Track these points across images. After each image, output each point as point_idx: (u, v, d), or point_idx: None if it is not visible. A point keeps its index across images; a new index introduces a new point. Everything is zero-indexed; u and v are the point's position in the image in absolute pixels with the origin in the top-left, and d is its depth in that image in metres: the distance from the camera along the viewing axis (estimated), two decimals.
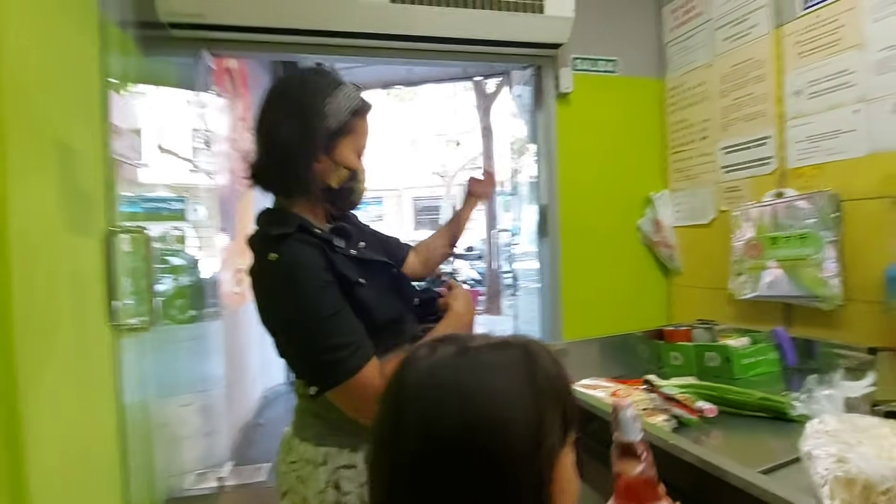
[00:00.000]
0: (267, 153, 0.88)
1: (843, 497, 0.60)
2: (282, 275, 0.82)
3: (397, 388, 0.43)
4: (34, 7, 1.32)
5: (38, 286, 1.27)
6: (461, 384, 0.41)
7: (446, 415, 0.40)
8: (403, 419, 0.42)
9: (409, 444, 0.40)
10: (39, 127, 1.32)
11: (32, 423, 1.20)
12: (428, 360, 0.43)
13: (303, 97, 0.86)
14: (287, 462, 0.94)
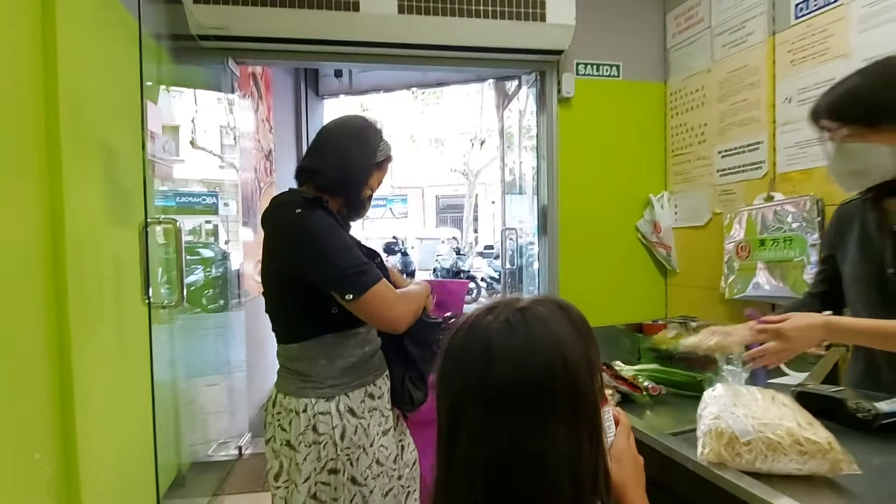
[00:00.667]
0: (341, 166, 1.13)
1: (713, 447, 0.73)
2: (306, 223, 1.04)
3: (484, 344, 0.50)
4: (84, 29, 1.54)
5: (87, 270, 1.49)
6: (535, 335, 0.50)
7: (531, 360, 0.49)
8: (495, 368, 0.49)
9: (501, 386, 0.48)
10: (88, 132, 1.54)
11: (80, 383, 1.41)
12: (499, 320, 0.51)
13: (369, 138, 1.17)
14: (273, 413, 1.14)
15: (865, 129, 0.90)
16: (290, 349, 1.11)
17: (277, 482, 1.11)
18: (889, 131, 0.88)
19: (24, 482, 1.22)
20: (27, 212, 1.25)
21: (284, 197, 1.16)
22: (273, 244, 1.11)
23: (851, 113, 0.92)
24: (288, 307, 1.12)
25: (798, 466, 0.73)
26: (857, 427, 0.94)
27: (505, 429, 0.48)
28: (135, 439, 1.78)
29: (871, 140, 0.90)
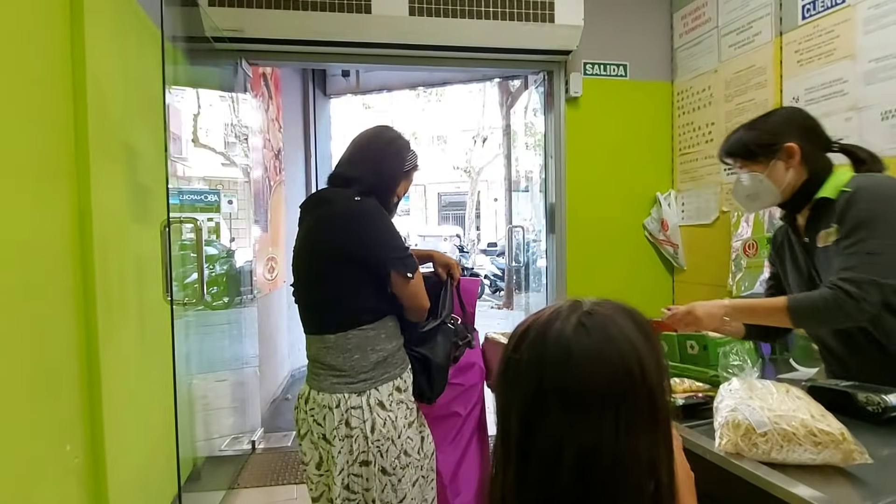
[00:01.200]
0: (375, 175, 1.21)
1: (731, 438, 0.77)
2: (368, 208, 1.15)
3: (563, 347, 0.50)
4: (110, 36, 1.57)
5: (112, 268, 1.52)
6: (612, 337, 0.50)
7: (611, 361, 0.49)
8: (575, 371, 0.49)
9: (584, 388, 0.48)
10: (113, 135, 1.58)
11: (107, 378, 1.46)
12: (572, 323, 0.51)
13: (400, 148, 1.27)
14: (305, 409, 1.16)
15: (748, 163, 1.16)
16: (327, 339, 1.14)
17: (319, 470, 1.17)
18: (763, 163, 1.14)
19: (56, 472, 1.26)
20: (58, 212, 1.29)
21: (329, 192, 1.21)
22: (329, 227, 1.15)
23: (738, 152, 1.18)
24: (334, 292, 1.15)
25: (812, 456, 0.77)
26: (866, 419, 0.97)
27: (591, 430, 0.48)
28: (155, 433, 1.82)
29: (752, 170, 1.15)
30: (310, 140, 4.26)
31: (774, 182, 1.12)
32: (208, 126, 2.59)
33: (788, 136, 1.11)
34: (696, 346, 1.60)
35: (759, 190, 1.15)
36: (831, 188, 1.07)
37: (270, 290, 3.33)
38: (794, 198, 1.14)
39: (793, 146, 1.10)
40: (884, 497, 0.73)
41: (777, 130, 1.13)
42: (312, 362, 1.19)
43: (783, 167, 1.11)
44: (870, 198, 1.01)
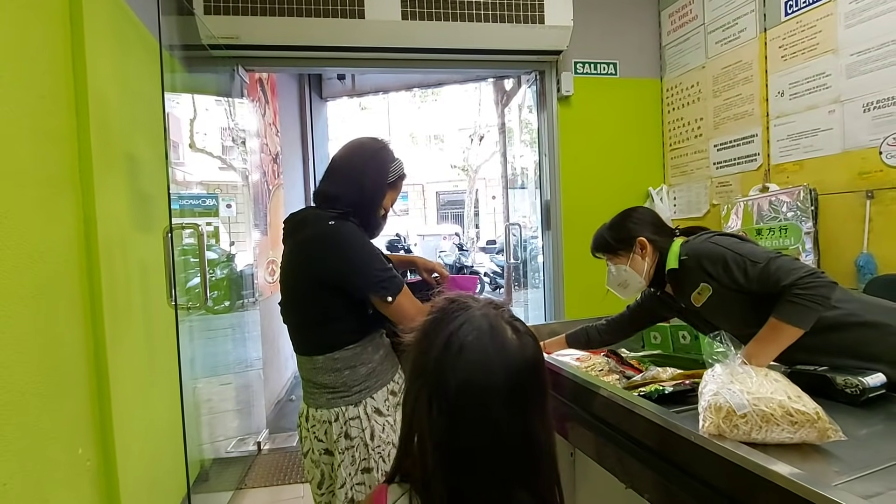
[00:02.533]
0: (358, 190, 1.20)
1: (713, 420, 0.81)
2: (343, 232, 1.13)
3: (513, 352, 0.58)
4: (109, 48, 1.61)
5: (117, 274, 1.57)
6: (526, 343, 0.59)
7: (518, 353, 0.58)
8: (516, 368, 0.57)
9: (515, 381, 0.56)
10: (114, 143, 1.62)
11: (116, 382, 1.50)
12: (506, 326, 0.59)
13: (383, 160, 1.24)
14: (306, 427, 1.18)
15: (612, 256, 1.37)
16: (315, 361, 1.16)
17: (321, 489, 1.19)
18: (624, 256, 1.34)
19: (69, 475, 1.30)
20: (64, 222, 1.33)
21: (308, 213, 1.20)
22: (307, 254, 1.14)
23: (601, 247, 1.39)
24: (317, 316, 1.15)
25: (790, 435, 0.81)
26: (845, 401, 1.02)
27: (521, 417, 0.56)
28: (163, 435, 1.86)
29: (617, 263, 1.36)
30: (307, 143, 4.30)
31: (637, 271, 1.33)
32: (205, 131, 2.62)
33: (640, 231, 1.32)
34: (687, 336, 1.65)
35: (626, 278, 1.35)
36: (672, 260, 1.27)
37: (272, 292, 3.37)
38: (655, 278, 1.33)
39: (643, 239, 1.31)
40: (856, 472, 0.77)
41: (631, 228, 1.34)
42: (305, 381, 1.20)
43: (640, 258, 1.32)
44: (711, 248, 1.20)
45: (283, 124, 3.89)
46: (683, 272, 1.24)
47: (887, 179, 1.74)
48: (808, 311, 1.03)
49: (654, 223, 1.36)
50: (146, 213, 1.85)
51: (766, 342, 1.08)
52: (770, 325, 1.07)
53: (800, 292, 1.03)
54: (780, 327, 1.06)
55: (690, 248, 1.24)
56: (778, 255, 1.14)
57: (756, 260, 1.13)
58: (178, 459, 1.92)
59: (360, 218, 1.20)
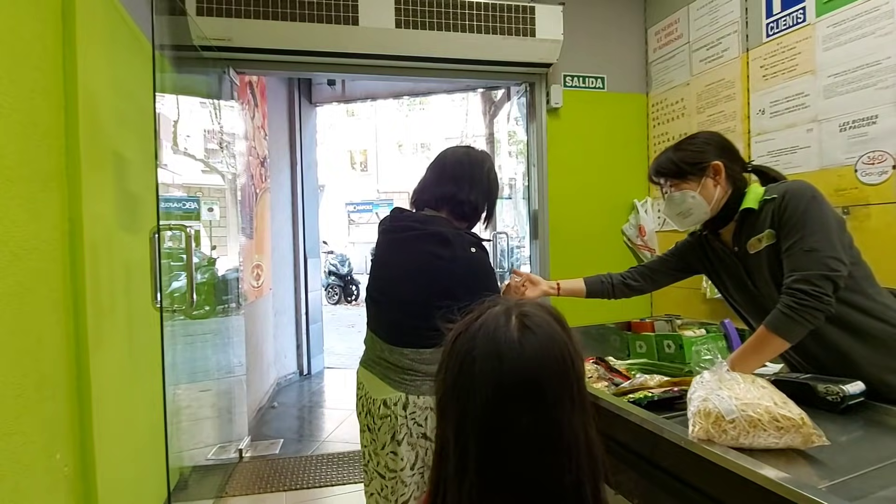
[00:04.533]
0: (487, 195, 1.30)
1: (702, 425, 0.83)
2: (481, 263, 1.21)
3: (520, 349, 0.55)
4: (100, 46, 1.59)
5: (101, 276, 1.53)
6: (552, 336, 0.56)
7: (554, 358, 0.55)
8: (529, 367, 0.54)
9: (535, 381, 0.54)
10: (103, 142, 1.59)
11: (97, 387, 1.46)
12: (515, 325, 0.56)
13: (494, 176, 1.33)
14: (404, 416, 1.18)
15: (679, 181, 1.23)
16: (423, 353, 1.19)
17: (413, 470, 1.20)
18: (693, 181, 1.21)
19: (47, 481, 1.26)
20: (50, 220, 1.30)
21: (445, 231, 1.21)
22: (443, 276, 1.17)
23: (668, 171, 1.25)
24: (433, 321, 1.17)
25: (776, 440, 0.84)
26: (826, 409, 1.05)
27: (548, 419, 0.54)
28: (143, 441, 1.82)
29: (683, 189, 1.22)
30: (295, 147, 4.27)
31: (705, 198, 1.20)
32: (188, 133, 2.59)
33: (713, 155, 1.20)
34: (672, 345, 1.68)
35: (692, 206, 1.22)
36: (752, 200, 1.17)
37: (256, 297, 3.32)
38: (720, 213, 1.22)
39: (718, 164, 1.19)
40: (840, 476, 0.80)
41: (704, 150, 1.21)
42: (405, 370, 1.21)
43: (711, 184, 1.20)
44: (797, 200, 1.09)
45: (271, 128, 3.87)
46: (757, 215, 1.15)
47: (862, 196, 1.81)
48: (798, 327, 1.04)
49: (727, 148, 1.24)
50: (132, 214, 1.81)
51: (752, 352, 1.10)
52: (759, 334, 1.09)
53: (796, 305, 1.04)
54: (768, 338, 1.07)
55: (782, 188, 1.13)
56: (818, 248, 1.05)
57: (804, 240, 1.06)
58: (158, 466, 1.87)
59: (472, 223, 1.29)
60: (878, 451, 0.88)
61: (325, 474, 2.47)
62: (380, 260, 1.31)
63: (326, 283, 9.91)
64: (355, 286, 10.16)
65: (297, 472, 2.50)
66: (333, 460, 2.62)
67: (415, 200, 1.33)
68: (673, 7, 2.66)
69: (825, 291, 1.04)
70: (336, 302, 10.08)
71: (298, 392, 3.98)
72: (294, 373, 4.30)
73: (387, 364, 1.22)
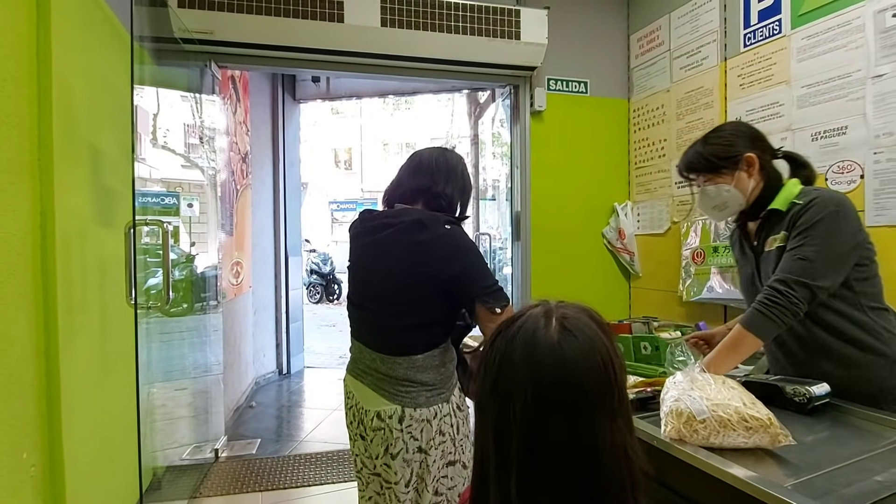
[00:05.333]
0: (462, 190, 1.29)
1: (674, 425, 0.86)
2: (463, 237, 1.18)
3: (560, 353, 0.54)
4: (76, 34, 1.55)
5: (73, 270, 1.49)
6: (593, 340, 0.55)
7: (595, 363, 0.53)
8: (570, 373, 0.53)
9: (576, 387, 0.53)
10: (78, 133, 1.55)
11: (67, 384, 1.42)
12: (556, 328, 0.55)
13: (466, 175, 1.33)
14: (399, 429, 1.14)
15: (713, 175, 1.22)
16: (416, 360, 1.15)
17: (408, 487, 1.17)
18: (728, 175, 1.20)
19: (12, 481, 1.22)
20: (19, 211, 1.27)
21: (421, 214, 1.19)
22: (430, 256, 1.13)
23: (700, 166, 1.23)
24: (426, 317, 1.16)
25: (744, 440, 0.86)
26: (794, 409, 1.08)
27: (588, 427, 0.53)
28: (115, 441, 1.78)
29: (718, 182, 1.21)
30: (278, 144, 4.22)
31: (741, 191, 1.20)
32: (168, 127, 2.54)
33: (744, 147, 1.20)
34: (648, 347, 1.71)
35: (727, 199, 1.20)
36: (782, 201, 1.17)
37: (235, 294, 3.27)
38: (752, 206, 1.22)
39: (752, 156, 1.19)
40: (805, 474, 0.83)
41: (734, 142, 1.20)
42: (399, 381, 1.16)
43: (746, 177, 1.19)
44: (817, 210, 1.10)
45: (253, 124, 3.82)
46: (781, 215, 1.16)
47: None
48: (771, 325, 1.07)
49: (756, 137, 1.23)
50: (107, 208, 1.77)
51: (728, 351, 1.12)
52: (734, 332, 1.11)
53: (768, 302, 1.07)
54: (742, 336, 1.10)
55: (813, 194, 1.13)
56: (813, 259, 1.07)
57: (803, 245, 1.08)
58: (130, 466, 1.83)
59: (461, 216, 1.29)
60: (842, 450, 0.92)
61: (302, 474, 2.45)
62: (359, 264, 1.28)
63: (308, 282, 9.82)
64: (337, 285, 10.08)
65: (275, 472, 2.47)
66: (312, 460, 2.60)
67: (387, 199, 1.30)
68: (655, 14, 2.71)
69: (798, 297, 1.07)
70: (317, 301, 9.99)
71: (277, 391, 3.93)
72: (273, 372, 4.25)
73: (379, 374, 1.18)
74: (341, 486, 2.35)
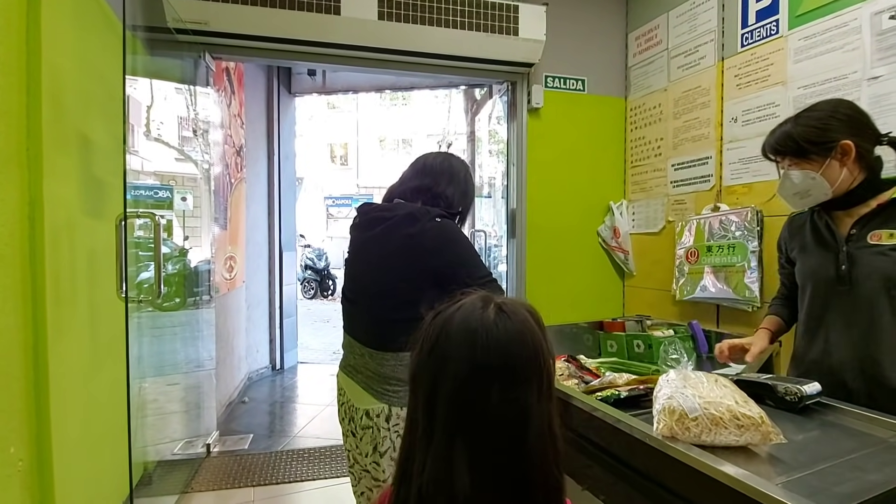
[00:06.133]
0: (464, 195, 1.30)
1: (667, 423, 0.86)
2: (454, 228, 1.19)
3: (494, 330, 0.57)
4: (67, 20, 1.52)
5: (63, 262, 1.47)
6: (525, 322, 0.59)
7: (526, 343, 0.58)
8: (502, 349, 0.56)
9: (507, 362, 0.56)
10: (68, 122, 1.53)
11: (55, 378, 1.40)
12: (492, 311, 0.59)
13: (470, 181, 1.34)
14: (387, 428, 1.14)
15: (800, 160, 1.13)
16: (404, 358, 1.15)
17: None
18: (817, 161, 1.11)
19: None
20: (7, 202, 1.25)
21: (412, 208, 1.19)
22: (421, 248, 1.13)
23: (787, 149, 1.15)
24: (414, 311, 1.13)
25: (736, 438, 0.86)
26: (785, 408, 1.09)
27: (518, 401, 0.56)
28: (104, 435, 1.76)
29: (804, 168, 1.12)
30: (273, 138, 4.19)
31: (829, 180, 1.09)
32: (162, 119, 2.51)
33: (841, 132, 1.08)
34: (642, 345, 1.72)
35: (811, 187, 1.11)
36: None
37: (229, 289, 3.25)
38: (847, 196, 1.11)
39: (848, 144, 1.07)
40: (796, 473, 0.83)
41: (829, 126, 1.09)
42: (387, 380, 1.16)
43: (838, 166, 1.08)
44: None
45: (248, 117, 3.79)
46: None
47: None
48: None
49: (856, 121, 1.11)
50: (98, 200, 1.75)
51: None
52: None
53: None
54: None
55: None
56: None
57: None
58: (120, 461, 1.81)
59: (460, 224, 1.28)
60: (832, 448, 0.92)
61: (295, 470, 2.44)
62: (353, 259, 1.29)
63: (302, 278, 9.78)
64: (332, 281, 10.05)
65: (267, 467, 2.46)
66: (304, 456, 2.59)
67: (387, 196, 1.31)
68: (653, 13, 2.71)
69: None
70: (312, 296, 9.96)
71: (270, 387, 3.92)
72: (266, 367, 4.23)
73: (368, 372, 1.19)
74: (333, 481, 2.35)
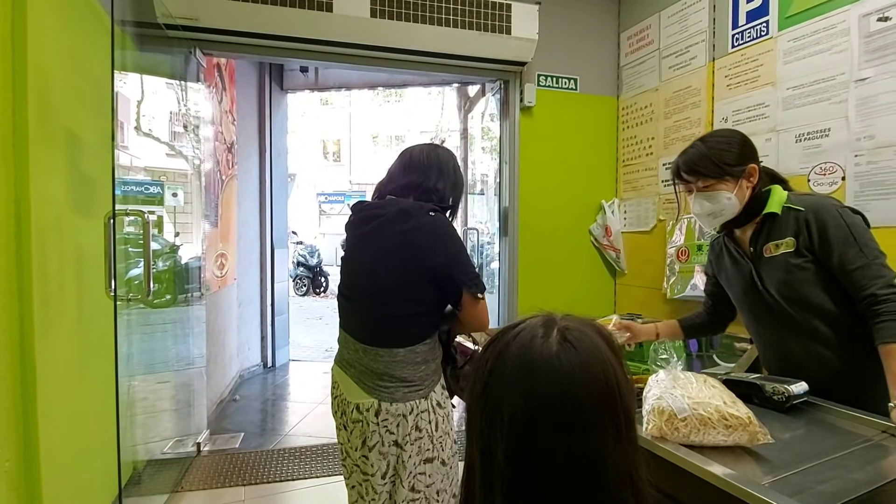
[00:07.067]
0: (454, 186, 1.30)
1: (656, 423, 0.87)
2: (446, 224, 1.20)
3: (556, 364, 0.49)
4: (53, 16, 1.50)
5: (50, 261, 1.45)
6: (594, 352, 0.50)
7: (595, 377, 0.49)
8: (565, 385, 0.49)
9: (571, 401, 0.48)
10: (55, 119, 1.51)
11: (43, 377, 1.39)
12: (555, 339, 0.51)
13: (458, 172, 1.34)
14: (376, 423, 1.15)
15: (716, 181, 1.18)
16: (396, 353, 1.16)
17: (384, 479, 1.18)
18: (730, 182, 1.18)
19: None
20: None
21: (406, 204, 1.20)
22: (416, 244, 1.14)
23: (707, 170, 1.19)
24: (413, 307, 1.16)
25: (724, 438, 0.87)
26: (772, 407, 1.10)
27: (583, 444, 0.48)
28: (93, 434, 1.74)
29: (718, 189, 1.18)
30: (265, 134, 4.16)
31: (740, 200, 1.18)
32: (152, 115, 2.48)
33: (748, 157, 1.18)
34: (632, 345, 1.73)
35: (725, 207, 1.19)
36: (776, 204, 1.17)
37: (220, 287, 3.23)
38: (745, 214, 1.21)
39: (755, 167, 1.18)
40: (782, 472, 0.84)
41: (742, 151, 1.18)
42: (379, 376, 1.17)
43: (746, 185, 1.18)
44: (835, 217, 1.11)
45: (240, 113, 3.75)
46: (778, 220, 1.16)
47: None
48: None
49: (752, 147, 1.22)
50: (86, 197, 1.73)
51: None
52: (886, 352, 1.04)
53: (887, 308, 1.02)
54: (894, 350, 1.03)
55: (809, 202, 1.15)
56: (879, 256, 1.08)
57: (864, 253, 1.07)
58: (109, 460, 1.80)
59: (451, 217, 1.28)
60: (818, 447, 0.93)
61: (286, 468, 2.44)
62: (349, 257, 1.29)
63: (294, 275, 9.73)
64: (324, 278, 10.02)
65: (258, 466, 2.45)
66: (296, 454, 2.59)
67: (378, 194, 1.31)
68: (645, 13, 2.72)
69: None
70: (304, 294, 9.92)
71: (262, 385, 3.90)
72: (258, 365, 4.21)
73: (361, 367, 1.20)
74: (325, 479, 2.35)
